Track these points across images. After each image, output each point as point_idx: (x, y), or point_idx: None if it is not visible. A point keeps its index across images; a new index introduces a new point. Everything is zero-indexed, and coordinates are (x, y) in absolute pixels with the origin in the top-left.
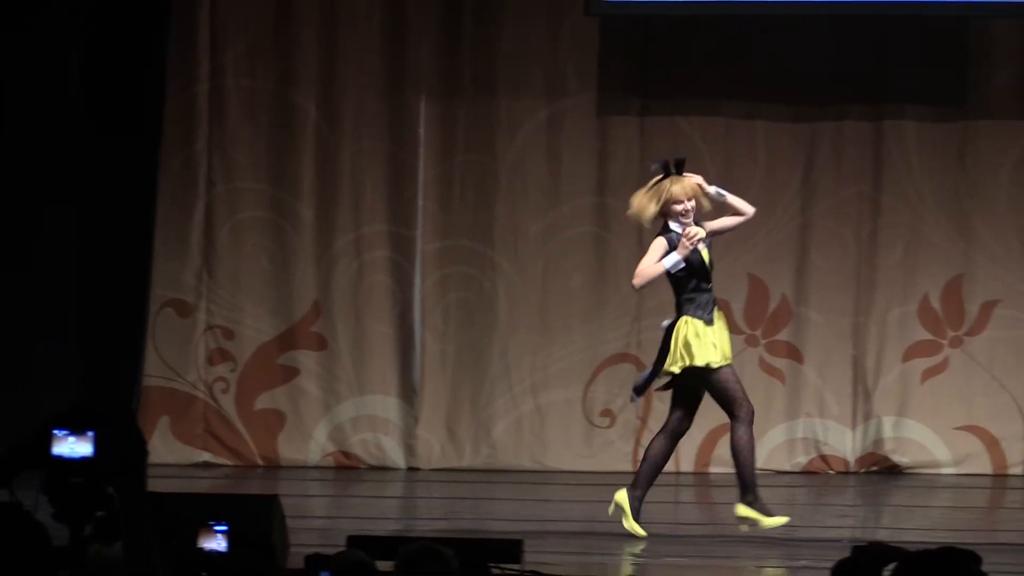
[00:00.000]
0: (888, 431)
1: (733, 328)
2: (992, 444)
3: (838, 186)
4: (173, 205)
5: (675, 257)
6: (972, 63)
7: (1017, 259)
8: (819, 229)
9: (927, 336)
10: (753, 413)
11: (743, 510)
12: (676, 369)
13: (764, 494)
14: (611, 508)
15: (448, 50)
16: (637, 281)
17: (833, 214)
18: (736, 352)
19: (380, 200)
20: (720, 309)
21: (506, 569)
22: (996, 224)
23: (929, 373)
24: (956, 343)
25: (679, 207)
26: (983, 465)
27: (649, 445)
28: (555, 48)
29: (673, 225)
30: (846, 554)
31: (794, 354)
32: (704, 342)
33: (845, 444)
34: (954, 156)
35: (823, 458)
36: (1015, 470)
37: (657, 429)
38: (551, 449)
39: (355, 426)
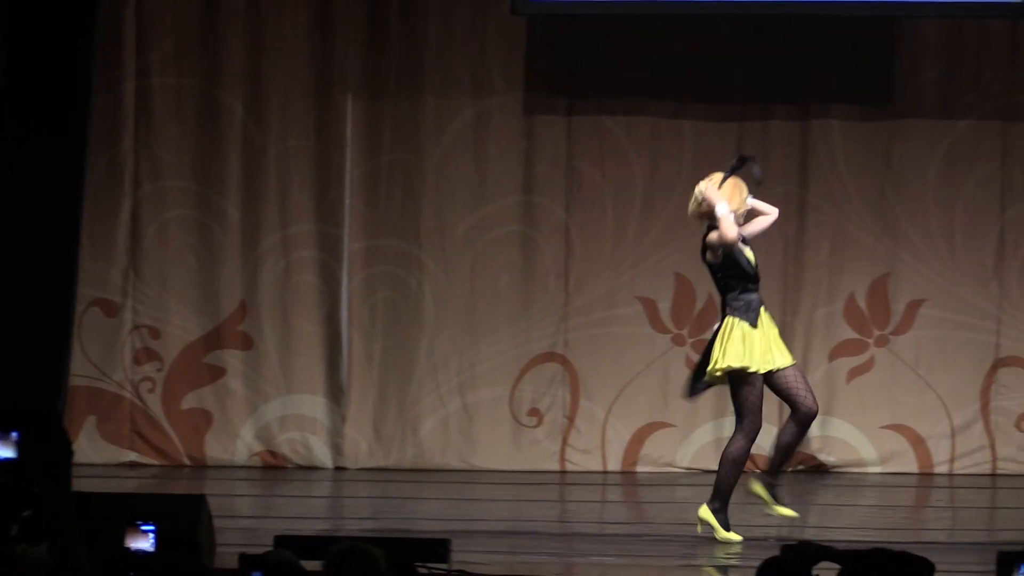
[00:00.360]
0: (814, 430)
1: (658, 327)
2: (918, 443)
3: (764, 185)
4: (99, 204)
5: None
6: (898, 62)
7: (943, 258)
8: None
9: (853, 335)
10: (758, 431)
11: (705, 513)
12: (719, 372)
13: (692, 493)
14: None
15: (375, 49)
16: (730, 235)
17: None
18: (663, 351)
19: (307, 199)
20: (768, 311)
21: (433, 569)
22: (922, 223)
23: (855, 372)
24: (882, 342)
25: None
26: (909, 464)
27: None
28: (481, 47)
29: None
30: (773, 553)
31: None
32: (746, 345)
33: (771, 442)
34: (880, 155)
35: (750, 457)
36: (941, 469)
37: (584, 428)
38: (478, 448)
39: (282, 425)
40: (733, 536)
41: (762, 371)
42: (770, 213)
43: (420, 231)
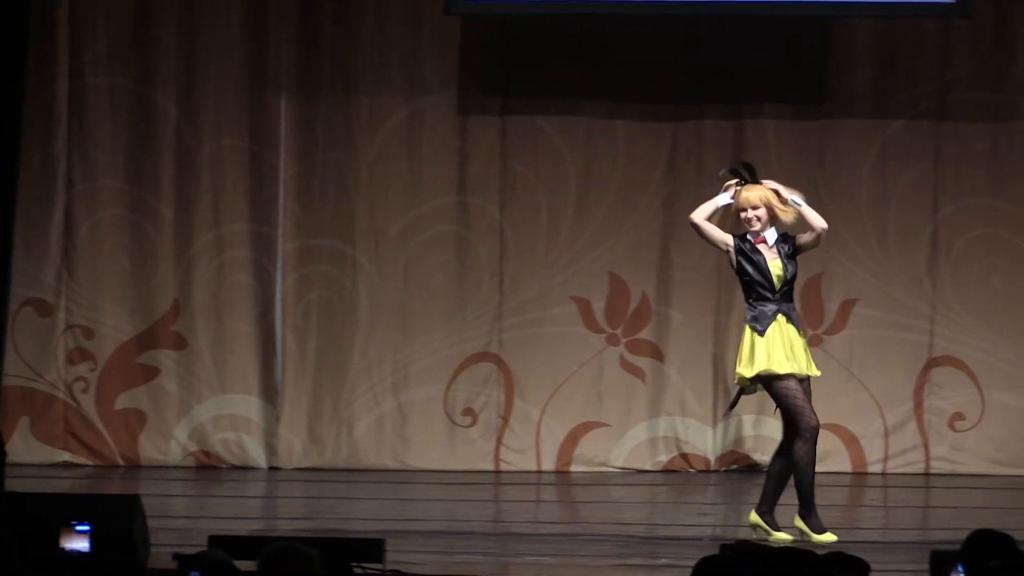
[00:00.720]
0: (748, 429)
1: (593, 327)
2: (851, 442)
3: (698, 185)
4: (33, 204)
5: (726, 197)
6: (831, 61)
7: (877, 258)
8: (680, 228)
9: None
10: (812, 429)
11: (797, 521)
12: (737, 382)
13: (626, 493)
14: (754, 534)
15: (308, 48)
16: (694, 214)
17: None
18: (597, 351)
19: (240, 199)
20: (792, 322)
21: (368, 568)
22: (855, 223)
23: None
24: (815, 342)
25: (744, 214)
26: (843, 463)
27: (771, 460)
28: (415, 47)
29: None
30: (707, 552)
31: (655, 353)
32: (755, 354)
33: (706, 442)
34: (814, 154)
35: (684, 456)
36: (874, 468)
37: (518, 428)
38: (412, 448)
39: (216, 425)
40: (826, 537)
41: (784, 377)
42: (815, 227)
43: (354, 231)
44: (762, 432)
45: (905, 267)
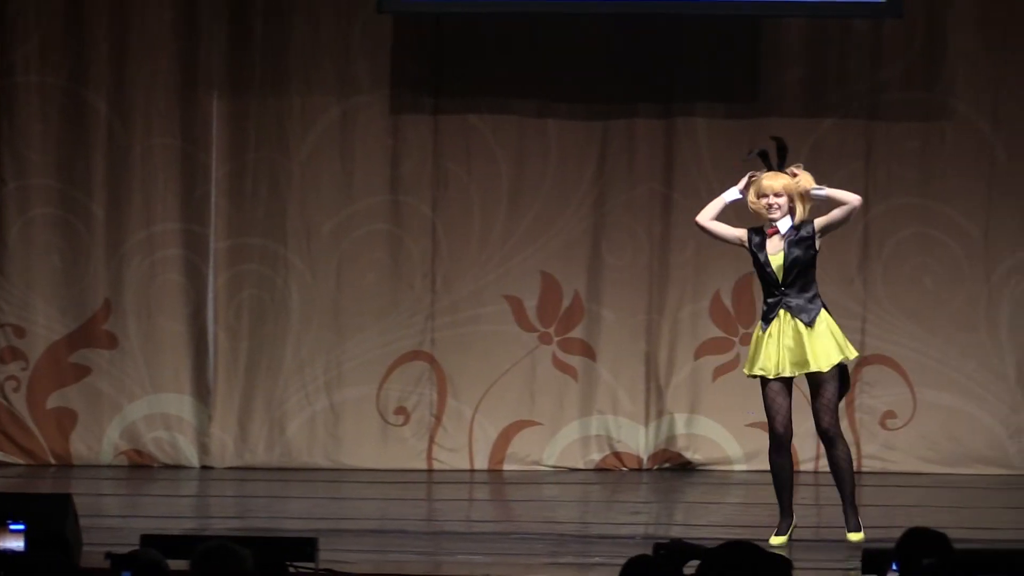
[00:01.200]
0: (680, 428)
1: (525, 326)
2: None
3: (630, 184)
4: None
5: (734, 191)
6: (763, 60)
7: None
8: (611, 227)
9: (719, 333)
10: (773, 438)
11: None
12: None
13: (558, 492)
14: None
15: (240, 47)
16: (700, 216)
17: (625, 212)
18: (529, 350)
19: (172, 197)
20: (796, 316)
21: (301, 568)
22: None
23: (721, 370)
24: (748, 340)
25: (765, 200)
26: None
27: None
28: (347, 45)
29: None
30: (640, 551)
31: (587, 351)
32: (754, 351)
33: (638, 441)
34: (745, 153)
35: (616, 455)
36: (806, 467)
37: (451, 427)
38: (345, 447)
39: (148, 424)
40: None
41: (767, 376)
42: (848, 201)
43: (286, 230)
44: (695, 431)
45: (836, 266)
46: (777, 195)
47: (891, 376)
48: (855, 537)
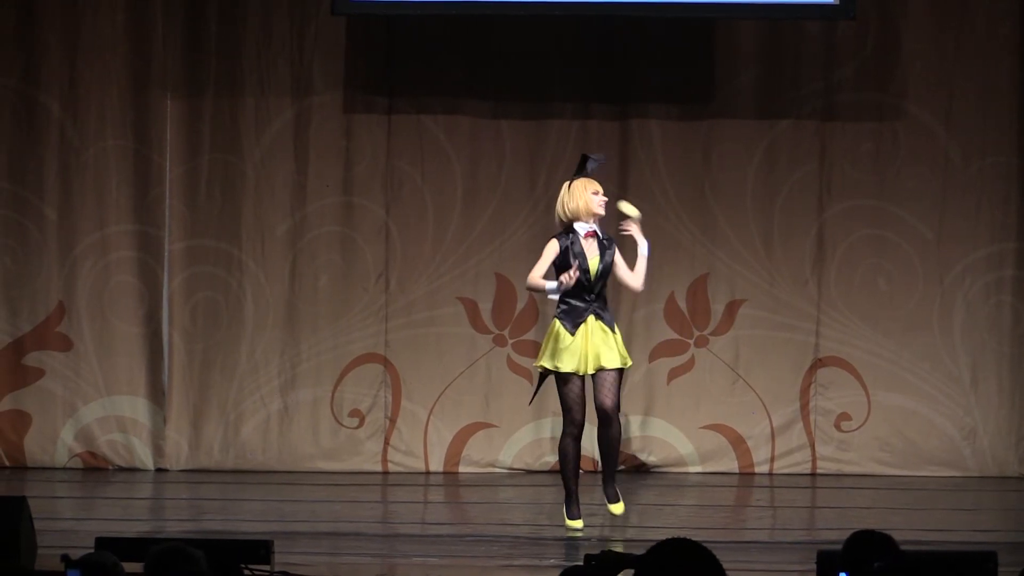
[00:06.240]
0: (635, 430)
1: (480, 328)
2: (738, 443)
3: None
4: None
5: (553, 285)
6: (717, 62)
7: (762, 258)
8: None
9: (673, 335)
10: (578, 427)
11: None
12: (538, 367)
13: (513, 494)
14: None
15: (193, 48)
16: (527, 285)
17: None
18: (484, 352)
19: (126, 199)
20: (600, 319)
21: (256, 570)
22: (741, 223)
23: (675, 372)
24: (702, 342)
25: (597, 198)
26: (729, 464)
27: None
28: (301, 47)
29: (578, 225)
30: (594, 552)
31: None
32: (560, 348)
33: (593, 443)
34: (699, 155)
35: None
36: (761, 468)
37: (406, 429)
38: (299, 449)
39: (102, 427)
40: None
41: (573, 373)
42: (632, 285)
43: (240, 231)
44: (649, 433)
45: (790, 268)
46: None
47: (845, 378)
48: (619, 509)
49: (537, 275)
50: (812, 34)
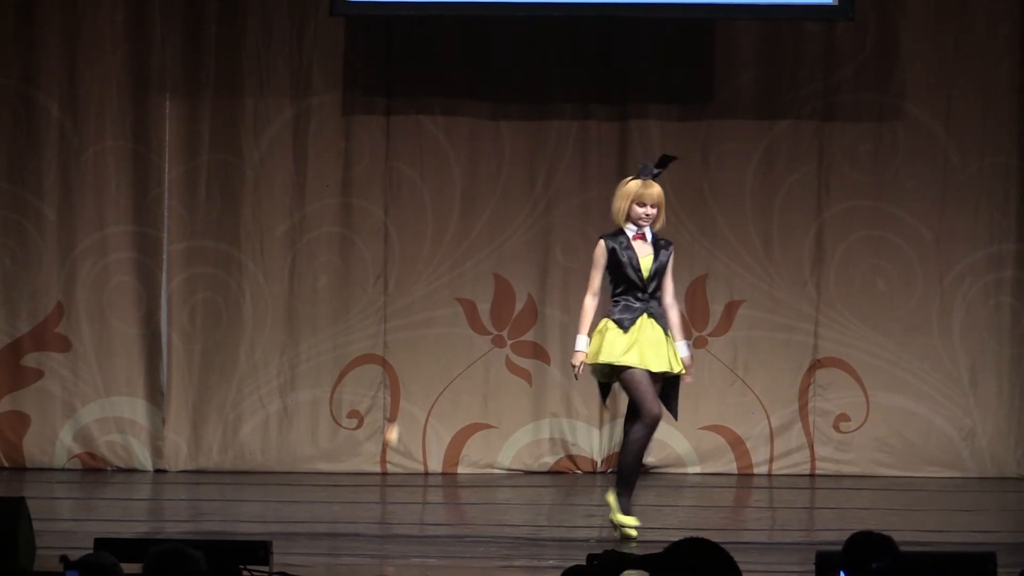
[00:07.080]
0: None
1: (478, 328)
2: (737, 443)
3: (583, 186)
4: None
5: (581, 344)
6: (716, 63)
7: (761, 259)
8: (564, 229)
9: None
10: (654, 418)
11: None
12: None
13: (512, 495)
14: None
15: (193, 49)
16: (583, 306)
17: (578, 214)
18: (483, 352)
19: (125, 200)
20: (655, 319)
21: (255, 571)
22: (740, 224)
23: None
24: (701, 343)
25: (642, 210)
26: (728, 464)
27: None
28: (300, 48)
29: (628, 227)
30: (594, 553)
31: (540, 354)
32: (610, 340)
33: (592, 444)
34: (699, 156)
35: (570, 458)
36: (760, 469)
37: (405, 431)
38: (298, 450)
39: (101, 427)
40: (630, 520)
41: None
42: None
43: (239, 232)
44: None
45: (789, 269)
46: (653, 206)
47: (844, 379)
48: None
49: (595, 286)
50: (811, 35)
